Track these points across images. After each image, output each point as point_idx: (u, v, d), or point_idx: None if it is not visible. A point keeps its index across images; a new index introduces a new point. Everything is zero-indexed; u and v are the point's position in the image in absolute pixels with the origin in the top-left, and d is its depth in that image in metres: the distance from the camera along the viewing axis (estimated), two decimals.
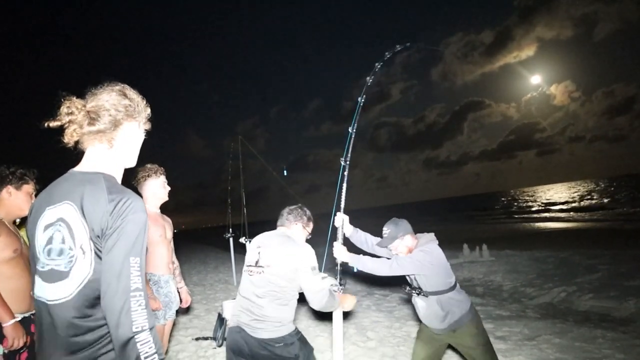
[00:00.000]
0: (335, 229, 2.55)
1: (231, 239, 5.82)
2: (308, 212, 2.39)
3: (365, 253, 2.61)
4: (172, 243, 2.86)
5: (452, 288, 2.44)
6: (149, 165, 2.70)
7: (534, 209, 42.62)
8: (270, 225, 2.44)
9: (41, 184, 2.18)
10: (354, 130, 2.59)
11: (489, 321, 4.89)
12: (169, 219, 2.90)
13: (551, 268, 8.25)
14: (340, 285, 2.33)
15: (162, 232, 2.68)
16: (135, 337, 1.00)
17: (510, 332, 4.43)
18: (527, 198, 74.90)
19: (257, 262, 2.11)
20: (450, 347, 2.63)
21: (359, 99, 2.69)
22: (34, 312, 1.78)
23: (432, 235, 2.55)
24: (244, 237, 4.98)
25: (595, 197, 46.54)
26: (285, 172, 3.16)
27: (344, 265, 2.45)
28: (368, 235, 2.76)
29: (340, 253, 2.46)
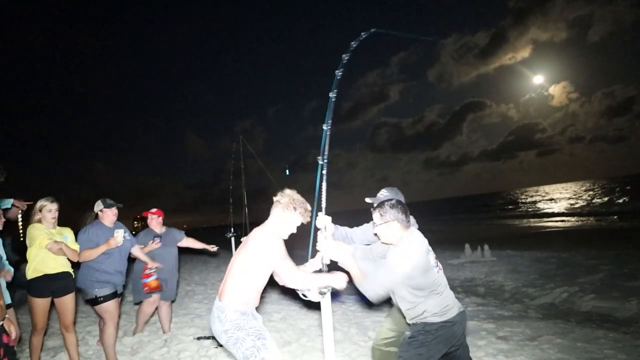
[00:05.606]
0: (317, 231, 2.39)
1: (233, 238, 5.82)
2: None
3: None
4: None
5: None
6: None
7: (535, 209, 42.56)
8: None
9: None
10: (329, 128, 2.46)
11: (491, 321, 4.88)
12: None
13: (553, 268, 8.25)
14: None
15: None
16: None
17: (511, 332, 4.42)
18: (528, 198, 74.78)
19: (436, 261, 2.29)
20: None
21: (331, 94, 2.55)
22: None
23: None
24: (245, 237, 4.97)
25: (596, 197, 46.45)
26: (287, 171, 3.11)
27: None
28: (348, 229, 2.60)
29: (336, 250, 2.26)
